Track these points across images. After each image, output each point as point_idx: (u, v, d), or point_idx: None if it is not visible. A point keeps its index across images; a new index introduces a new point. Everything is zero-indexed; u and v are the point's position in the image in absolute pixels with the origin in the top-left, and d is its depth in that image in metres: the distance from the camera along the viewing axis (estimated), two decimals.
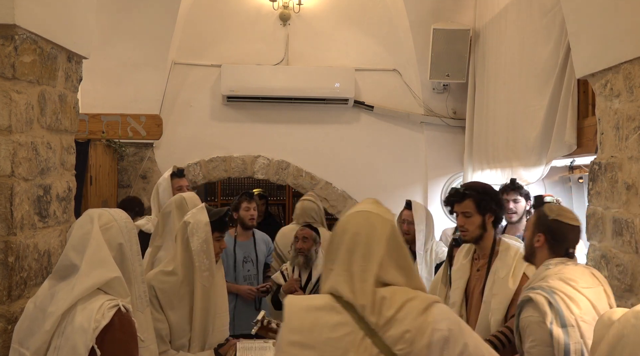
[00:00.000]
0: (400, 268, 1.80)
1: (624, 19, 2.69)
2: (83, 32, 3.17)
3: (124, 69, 6.07)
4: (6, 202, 2.50)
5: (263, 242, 4.96)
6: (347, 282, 1.76)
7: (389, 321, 1.71)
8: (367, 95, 6.63)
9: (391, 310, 1.72)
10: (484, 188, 3.13)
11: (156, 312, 2.84)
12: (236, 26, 6.53)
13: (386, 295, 1.74)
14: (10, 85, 2.54)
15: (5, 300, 2.51)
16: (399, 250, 1.81)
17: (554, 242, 2.52)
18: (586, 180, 4.28)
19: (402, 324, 1.70)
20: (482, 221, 3.04)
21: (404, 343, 1.69)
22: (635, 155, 2.70)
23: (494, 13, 5.58)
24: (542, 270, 2.50)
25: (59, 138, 2.98)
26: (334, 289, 1.78)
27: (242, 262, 4.75)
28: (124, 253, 2.27)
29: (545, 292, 2.35)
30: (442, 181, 6.51)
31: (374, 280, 1.75)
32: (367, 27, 6.62)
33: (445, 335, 1.72)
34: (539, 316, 2.33)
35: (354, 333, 1.71)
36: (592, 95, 3.59)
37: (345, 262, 1.78)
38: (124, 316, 2.11)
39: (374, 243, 1.78)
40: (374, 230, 1.80)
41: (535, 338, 2.35)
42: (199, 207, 3.06)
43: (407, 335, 1.69)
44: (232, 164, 6.61)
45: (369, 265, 1.76)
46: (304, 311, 1.78)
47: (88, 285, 2.12)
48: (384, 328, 1.70)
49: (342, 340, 1.71)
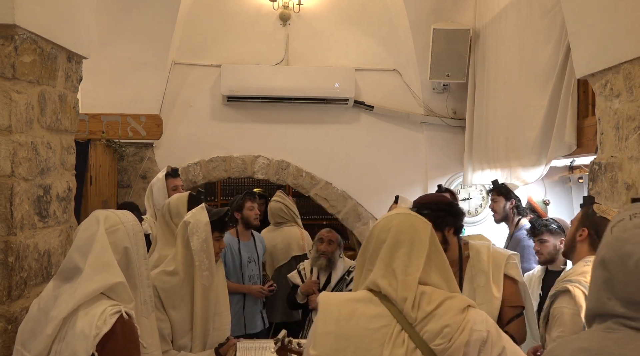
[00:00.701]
0: (439, 270, 1.81)
1: (624, 19, 2.69)
2: (83, 32, 3.17)
3: (124, 69, 6.06)
4: (6, 202, 2.50)
5: (260, 242, 5.01)
6: (387, 277, 1.76)
7: (428, 315, 1.71)
8: (367, 95, 6.63)
9: (431, 305, 1.72)
10: (437, 204, 2.89)
11: (158, 312, 2.84)
12: (236, 26, 6.53)
13: (426, 291, 1.74)
14: (10, 85, 2.54)
15: (5, 300, 2.51)
16: (439, 253, 1.83)
17: (597, 238, 2.52)
18: (586, 180, 4.29)
19: (441, 319, 1.71)
20: (443, 236, 2.82)
21: (443, 338, 1.69)
22: (635, 155, 2.70)
23: (494, 13, 5.58)
24: (581, 265, 2.52)
25: (59, 138, 2.98)
26: (373, 284, 1.78)
27: (247, 261, 4.78)
28: (130, 257, 2.22)
29: (582, 286, 2.37)
30: (442, 181, 6.50)
31: (417, 275, 1.75)
32: (367, 27, 6.62)
33: (484, 336, 1.72)
34: (574, 308, 2.35)
35: (391, 326, 1.71)
36: (592, 95, 3.59)
37: (387, 259, 1.78)
38: (126, 323, 2.07)
39: (418, 241, 1.79)
40: (417, 230, 1.82)
41: (565, 328, 2.37)
42: (199, 207, 3.06)
43: (446, 330, 1.69)
44: (232, 164, 6.61)
45: (414, 261, 1.77)
46: (340, 302, 1.79)
47: (90, 290, 2.08)
48: (422, 322, 1.71)
49: (378, 331, 1.71)
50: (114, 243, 2.19)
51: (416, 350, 1.68)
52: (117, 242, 2.19)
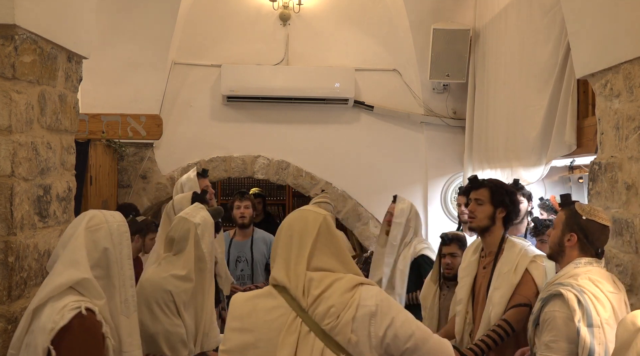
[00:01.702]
0: (334, 255, 1.94)
1: (624, 19, 2.69)
2: (83, 32, 3.17)
3: (124, 69, 6.07)
4: (6, 202, 2.50)
5: (262, 242, 4.92)
6: (284, 269, 1.90)
7: (316, 299, 1.83)
8: (367, 95, 6.63)
9: (318, 289, 1.85)
10: (503, 185, 3.25)
11: (174, 317, 2.83)
12: (236, 26, 6.53)
13: (315, 277, 1.87)
14: (10, 85, 2.53)
15: (5, 300, 2.51)
16: (332, 239, 1.96)
17: (586, 242, 2.50)
18: (586, 180, 4.28)
19: (328, 301, 1.83)
20: (493, 213, 3.10)
21: (330, 317, 1.81)
22: (635, 155, 2.70)
23: (494, 13, 5.58)
24: (571, 267, 2.48)
25: (59, 138, 2.98)
26: (272, 278, 1.93)
27: (235, 261, 4.73)
28: (109, 257, 2.27)
29: (575, 290, 2.34)
30: (442, 181, 6.51)
31: (305, 265, 1.88)
32: (367, 27, 6.62)
33: (372, 310, 1.83)
34: (567, 312, 2.31)
35: (286, 314, 1.84)
36: (592, 95, 3.59)
37: (283, 252, 1.93)
38: (85, 319, 2.09)
39: (306, 232, 1.93)
40: (307, 223, 1.96)
41: (557, 333, 2.33)
42: (199, 207, 3.05)
43: (332, 309, 1.81)
44: (232, 164, 6.61)
45: (301, 251, 1.90)
46: (244, 301, 1.93)
47: (57, 284, 2.15)
48: (312, 306, 1.83)
49: (275, 321, 1.84)
50: (95, 241, 2.26)
51: (310, 333, 1.80)
52: (97, 240, 2.27)
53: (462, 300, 3.17)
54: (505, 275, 2.95)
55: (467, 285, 3.17)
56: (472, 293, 3.16)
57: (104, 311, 2.20)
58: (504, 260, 3.01)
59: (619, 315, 2.33)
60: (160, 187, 6.47)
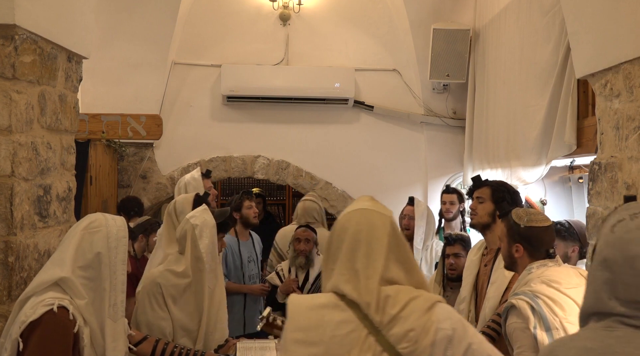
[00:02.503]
0: (401, 264, 1.80)
1: (624, 19, 2.69)
2: (83, 32, 3.17)
3: (124, 69, 6.07)
4: (6, 202, 2.50)
5: (258, 242, 5.00)
6: (351, 281, 1.76)
7: (393, 319, 1.71)
8: (367, 95, 6.63)
9: (395, 308, 1.72)
10: (505, 184, 3.27)
11: (160, 310, 2.86)
12: (236, 26, 6.53)
13: (390, 293, 1.74)
14: (10, 85, 2.53)
15: (5, 300, 2.51)
16: (400, 245, 1.82)
17: (532, 249, 2.55)
18: (586, 180, 4.28)
19: (406, 322, 1.71)
20: (493, 210, 3.11)
21: (408, 341, 1.69)
22: (635, 155, 2.70)
23: (494, 13, 5.58)
24: (524, 275, 2.52)
25: (59, 138, 2.98)
26: (337, 288, 1.77)
27: (247, 261, 4.78)
28: (102, 260, 2.30)
29: (527, 297, 2.36)
30: (442, 181, 6.51)
31: (378, 278, 1.75)
32: (367, 27, 6.62)
33: (449, 334, 1.72)
34: (522, 322, 2.34)
35: (358, 331, 1.71)
36: (592, 95, 3.59)
37: (347, 261, 1.78)
38: (56, 316, 2.13)
39: (376, 240, 1.78)
40: (375, 228, 1.80)
41: (521, 344, 2.36)
42: (203, 208, 3.06)
43: (411, 333, 1.70)
44: (232, 164, 6.61)
45: (373, 263, 1.76)
46: (308, 310, 1.78)
47: (40, 281, 2.24)
48: (388, 326, 1.71)
49: (346, 337, 1.71)
50: (90, 242, 2.30)
51: (383, 353, 1.69)
52: (92, 242, 2.30)
53: (465, 298, 3.19)
54: (501, 270, 2.96)
55: (469, 284, 3.19)
56: (475, 291, 3.17)
57: (86, 311, 2.23)
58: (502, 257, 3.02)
59: None
60: (160, 187, 6.47)
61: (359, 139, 6.67)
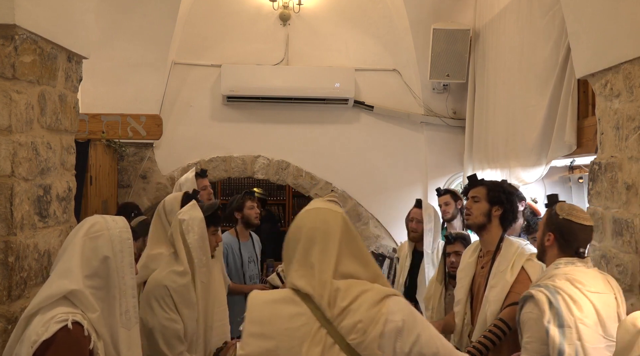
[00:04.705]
0: (356, 257, 1.86)
1: (624, 19, 2.70)
2: (83, 32, 3.17)
3: (124, 69, 6.07)
4: (6, 202, 2.50)
5: (258, 242, 5.00)
6: (305, 276, 1.81)
7: (343, 311, 1.76)
8: (367, 95, 6.63)
9: (345, 300, 1.77)
10: (501, 184, 3.24)
11: (172, 312, 2.85)
12: (236, 26, 6.53)
13: (342, 287, 1.79)
14: (10, 85, 2.53)
15: (5, 300, 2.51)
16: (353, 240, 1.88)
17: (564, 241, 2.52)
18: (586, 180, 4.28)
19: (355, 314, 1.76)
20: (489, 210, 3.09)
21: (357, 332, 1.74)
22: (635, 155, 2.70)
23: (494, 13, 5.58)
24: (551, 269, 2.51)
25: (59, 138, 2.98)
26: (292, 284, 1.83)
27: (248, 262, 4.78)
28: (110, 265, 2.15)
29: (547, 291, 2.36)
30: (442, 181, 6.51)
31: (331, 272, 1.81)
32: (367, 27, 6.62)
33: (399, 326, 1.77)
34: (538, 313, 2.35)
35: (310, 324, 1.77)
36: (592, 95, 3.59)
37: (302, 257, 1.84)
38: (70, 333, 1.99)
39: (329, 236, 1.84)
40: (328, 225, 1.87)
41: (532, 334, 2.38)
42: (191, 204, 3.06)
43: (359, 325, 1.75)
44: (232, 164, 6.62)
45: (326, 258, 1.82)
46: (264, 304, 1.85)
47: (46, 295, 2.06)
48: (338, 318, 1.76)
49: (298, 330, 1.77)
50: (94, 249, 2.15)
51: (334, 346, 1.74)
52: (96, 248, 2.15)
53: (460, 300, 3.17)
54: (502, 274, 2.96)
55: (465, 286, 3.18)
56: (471, 293, 3.17)
57: (98, 324, 2.10)
58: (501, 259, 3.02)
59: (603, 315, 2.34)
60: (160, 186, 6.47)
61: (359, 139, 6.67)
